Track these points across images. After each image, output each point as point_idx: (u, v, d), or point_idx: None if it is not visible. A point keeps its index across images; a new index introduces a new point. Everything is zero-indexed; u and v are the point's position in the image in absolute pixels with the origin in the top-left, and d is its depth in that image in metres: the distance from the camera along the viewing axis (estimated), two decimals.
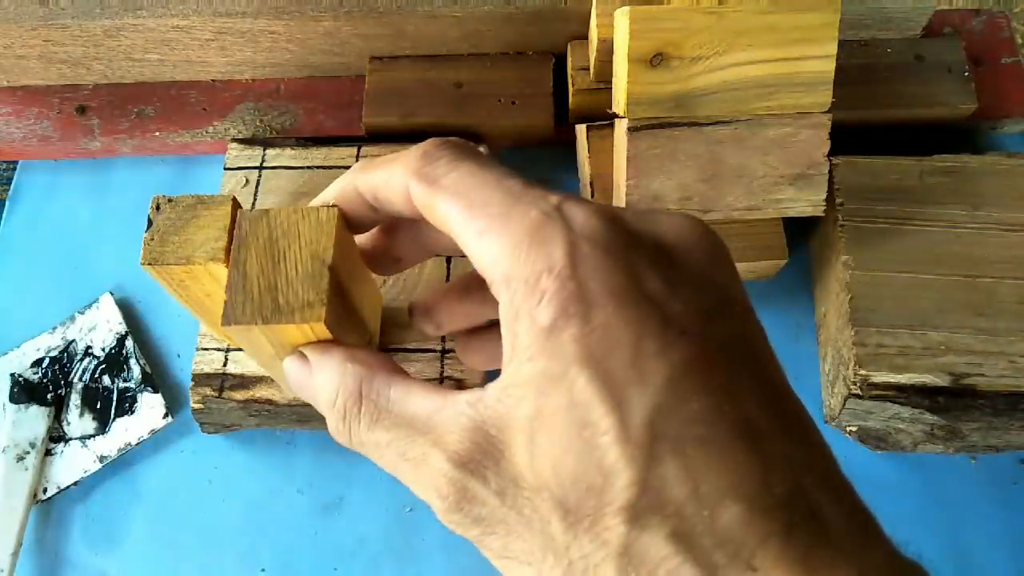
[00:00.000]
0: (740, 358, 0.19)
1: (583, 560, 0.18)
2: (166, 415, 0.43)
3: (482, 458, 0.20)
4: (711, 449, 0.17)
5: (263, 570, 0.41)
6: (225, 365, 0.40)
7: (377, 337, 0.40)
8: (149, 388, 0.44)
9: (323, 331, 0.31)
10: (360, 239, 0.31)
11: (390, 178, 0.25)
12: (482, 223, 0.21)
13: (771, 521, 0.17)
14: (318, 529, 0.41)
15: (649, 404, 0.18)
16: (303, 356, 0.27)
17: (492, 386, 0.20)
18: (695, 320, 0.19)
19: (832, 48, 0.36)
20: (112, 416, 0.43)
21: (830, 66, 0.37)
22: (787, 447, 0.18)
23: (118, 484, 0.43)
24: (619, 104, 0.38)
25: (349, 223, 0.29)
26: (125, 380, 0.44)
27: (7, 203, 0.50)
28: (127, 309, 0.46)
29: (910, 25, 0.47)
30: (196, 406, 0.40)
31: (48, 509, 0.42)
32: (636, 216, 0.21)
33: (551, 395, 0.19)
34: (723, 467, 0.17)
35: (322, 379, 0.26)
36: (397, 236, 0.30)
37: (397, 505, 0.41)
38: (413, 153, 0.24)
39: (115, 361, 0.44)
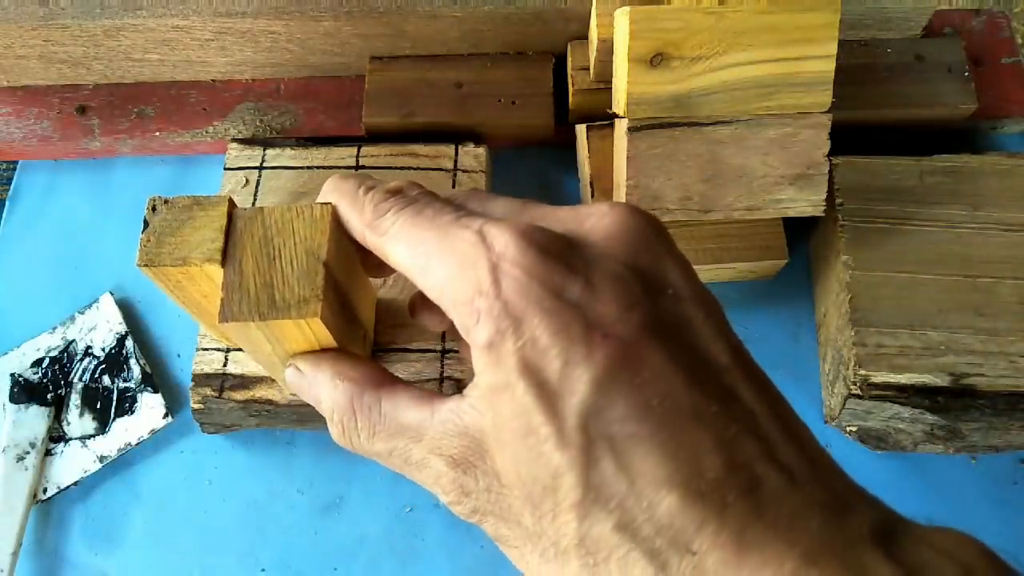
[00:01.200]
0: (667, 343, 0.20)
1: (553, 546, 0.20)
2: (166, 415, 0.43)
3: (472, 459, 0.22)
4: (642, 444, 0.19)
5: (263, 570, 0.41)
6: (225, 365, 0.40)
7: (372, 333, 0.40)
8: (149, 388, 0.44)
9: (319, 327, 0.31)
10: None
11: (350, 221, 0.28)
12: (422, 260, 0.24)
13: (706, 504, 0.18)
14: (318, 529, 0.41)
15: (580, 410, 0.19)
16: (297, 368, 0.29)
17: (466, 394, 0.22)
18: (617, 317, 0.20)
19: (832, 48, 0.36)
20: (112, 416, 0.43)
21: (830, 66, 0.37)
22: (720, 428, 0.19)
23: (118, 484, 0.43)
24: (619, 104, 0.38)
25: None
26: (125, 380, 0.44)
27: (7, 203, 0.50)
28: (127, 309, 0.46)
29: (910, 25, 0.47)
30: (196, 406, 0.40)
31: (48, 509, 0.42)
32: (559, 220, 0.23)
33: (501, 405, 0.20)
34: (655, 460, 0.18)
35: (317, 394, 0.28)
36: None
37: (397, 505, 0.41)
38: (367, 206, 0.26)
39: (115, 361, 0.44)
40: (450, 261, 0.22)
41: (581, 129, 0.44)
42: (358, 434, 0.26)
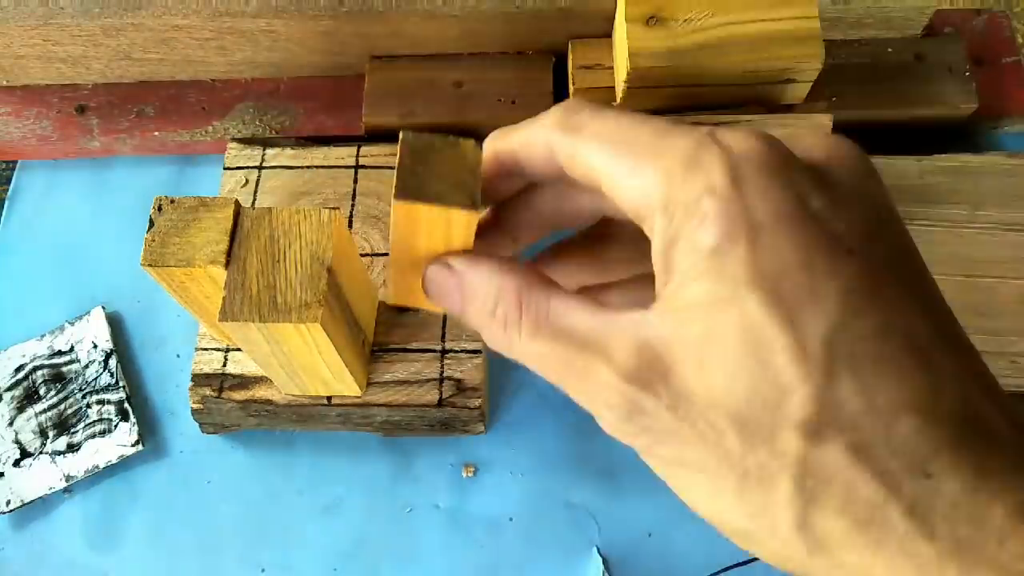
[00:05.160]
0: (903, 274, 0.20)
1: (759, 470, 0.19)
2: (137, 442, 0.42)
3: (650, 374, 0.20)
4: (884, 365, 0.18)
5: (263, 570, 0.40)
6: (224, 365, 0.40)
7: (371, 336, 0.40)
8: (125, 413, 0.43)
9: (319, 331, 0.31)
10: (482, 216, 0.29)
11: (530, 136, 0.25)
12: (630, 160, 0.21)
13: (944, 431, 0.18)
14: (318, 529, 0.41)
15: (825, 323, 0.18)
16: (448, 266, 0.26)
17: (653, 308, 0.21)
18: (859, 238, 0.19)
19: (813, 10, 0.38)
20: (84, 436, 0.42)
21: (815, 24, 0.39)
22: (952, 361, 0.19)
23: (118, 484, 0.42)
24: (620, 70, 0.39)
25: (485, 192, 0.26)
26: (103, 403, 0.43)
27: (6, 203, 0.49)
28: (119, 321, 0.46)
29: (911, 25, 0.47)
30: (195, 406, 0.40)
31: (48, 509, 0.42)
32: (788, 139, 0.21)
33: (720, 316, 0.19)
34: (896, 382, 0.18)
35: (476, 289, 0.25)
36: (518, 209, 0.28)
37: (397, 505, 0.41)
38: (553, 110, 0.24)
39: (96, 380, 0.44)
40: (669, 160, 0.20)
41: None
42: (519, 330, 0.23)
